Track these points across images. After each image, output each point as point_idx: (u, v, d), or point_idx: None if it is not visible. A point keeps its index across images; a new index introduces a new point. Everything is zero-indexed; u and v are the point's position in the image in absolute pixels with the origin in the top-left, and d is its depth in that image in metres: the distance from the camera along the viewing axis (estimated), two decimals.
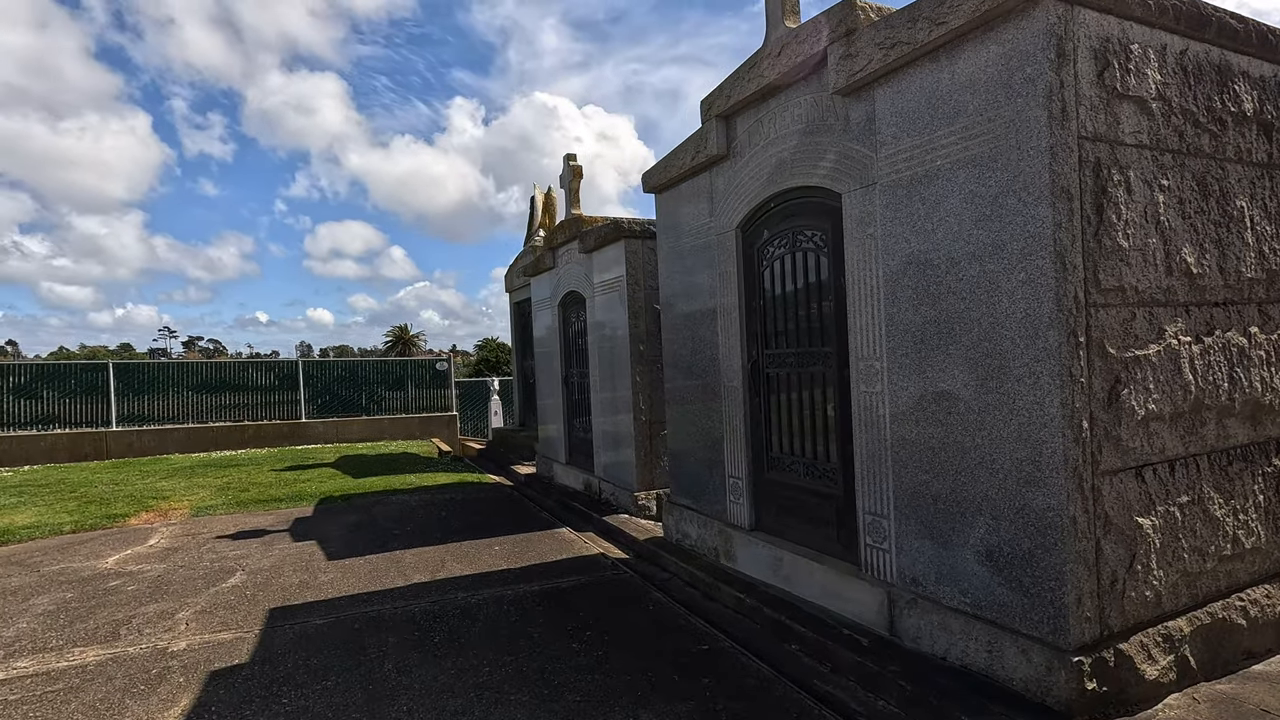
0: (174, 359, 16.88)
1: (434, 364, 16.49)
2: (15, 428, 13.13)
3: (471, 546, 5.88)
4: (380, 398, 15.96)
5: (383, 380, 16.08)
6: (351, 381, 15.77)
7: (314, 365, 15.58)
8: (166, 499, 8.61)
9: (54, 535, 7.23)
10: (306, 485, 9.29)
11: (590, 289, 7.55)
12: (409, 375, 16.27)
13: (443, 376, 16.44)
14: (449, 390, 16.44)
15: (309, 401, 15.20)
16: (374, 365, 16.30)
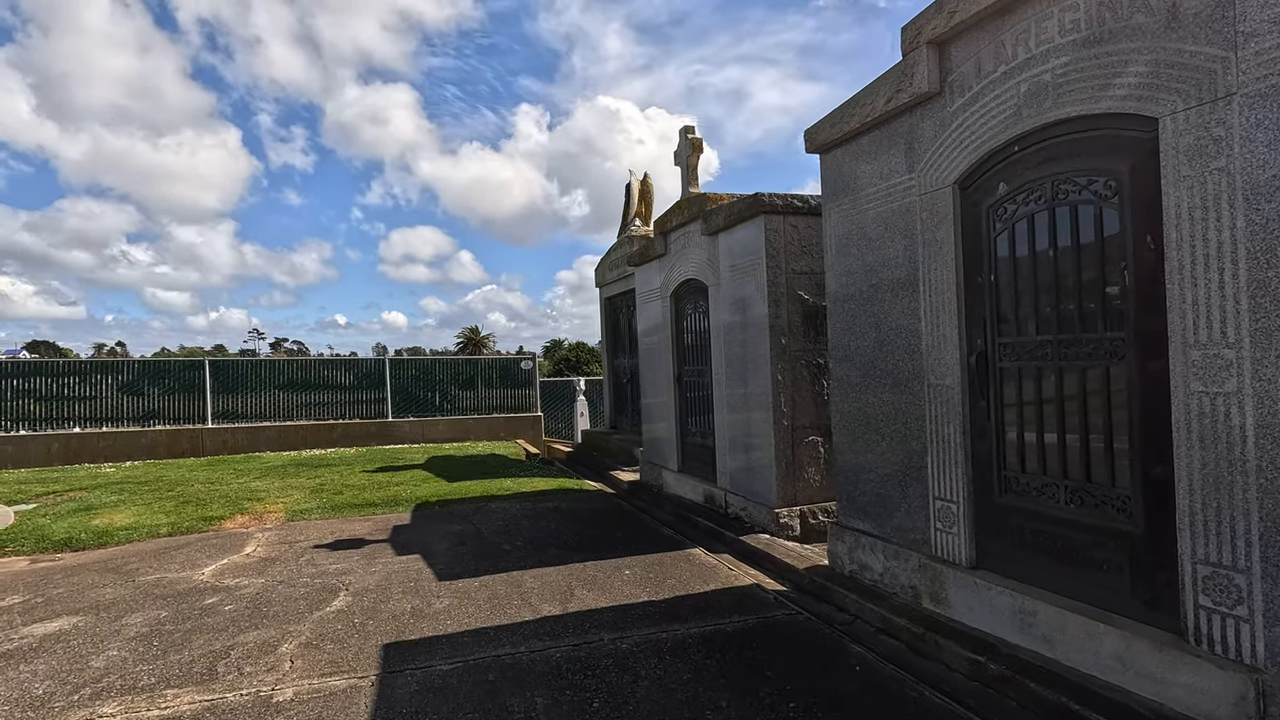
0: (264, 358, 17.08)
1: (518, 363, 16.00)
2: (121, 424, 13.33)
3: (596, 569, 5.08)
4: (464, 397, 15.58)
5: (466, 380, 15.70)
6: (435, 381, 15.44)
7: (399, 364, 15.33)
8: (261, 501, 8.24)
9: (151, 538, 6.88)
10: (400, 489, 8.77)
11: (715, 275, 6.68)
12: (493, 375, 15.84)
13: (527, 376, 15.93)
14: (533, 390, 15.91)
15: (394, 400, 14.93)
16: (458, 364, 15.94)
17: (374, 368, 15.04)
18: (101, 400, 13.48)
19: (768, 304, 5.80)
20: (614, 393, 12.60)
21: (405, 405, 15.02)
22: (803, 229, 5.92)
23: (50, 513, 7.92)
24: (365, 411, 14.76)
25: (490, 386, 15.73)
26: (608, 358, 12.73)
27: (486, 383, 15.74)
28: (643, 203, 11.57)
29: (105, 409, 13.41)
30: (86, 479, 10.37)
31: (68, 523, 7.34)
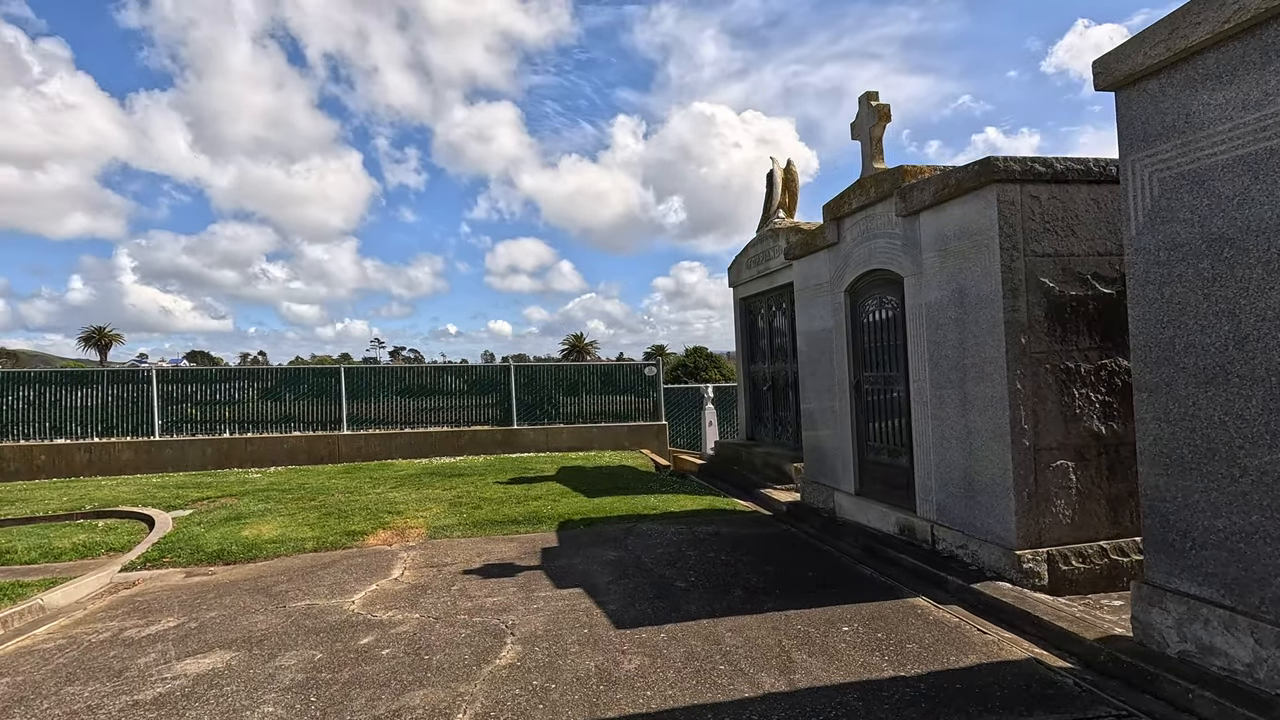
0: (394, 364, 17.38)
1: (642, 369, 15.33)
2: (262, 429, 13.78)
3: (804, 622, 4.14)
4: (587, 404, 15.08)
5: (589, 386, 15.21)
6: (558, 387, 15.04)
7: (523, 371, 15.04)
8: (401, 514, 7.89)
9: (297, 553, 6.60)
10: (539, 504, 8.20)
11: (914, 263, 5.58)
12: (616, 381, 15.25)
13: (651, 382, 15.22)
14: (657, 397, 15.18)
15: (519, 407, 14.64)
16: (581, 371, 15.48)
17: (498, 374, 14.83)
18: (247, 406, 14.01)
19: (1001, 295, 4.66)
20: (751, 401, 11.61)
21: (529, 412, 14.71)
22: (1046, 200, 4.74)
23: (204, 520, 7.92)
24: (490, 418, 14.55)
25: (613, 393, 15.15)
26: (743, 363, 11.76)
27: (609, 389, 15.18)
28: (786, 192, 10.54)
29: (250, 414, 13.91)
30: (236, 485, 10.57)
31: (219, 533, 7.24)
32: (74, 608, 5.33)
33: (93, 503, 9.24)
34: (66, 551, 6.87)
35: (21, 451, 12.67)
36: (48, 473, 12.58)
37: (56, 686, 3.67)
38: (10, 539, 7.33)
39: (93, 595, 5.74)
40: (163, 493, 9.94)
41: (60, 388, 13.28)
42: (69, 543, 7.12)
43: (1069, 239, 4.74)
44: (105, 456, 12.90)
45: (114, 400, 13.34)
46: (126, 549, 6.99)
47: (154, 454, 13.06)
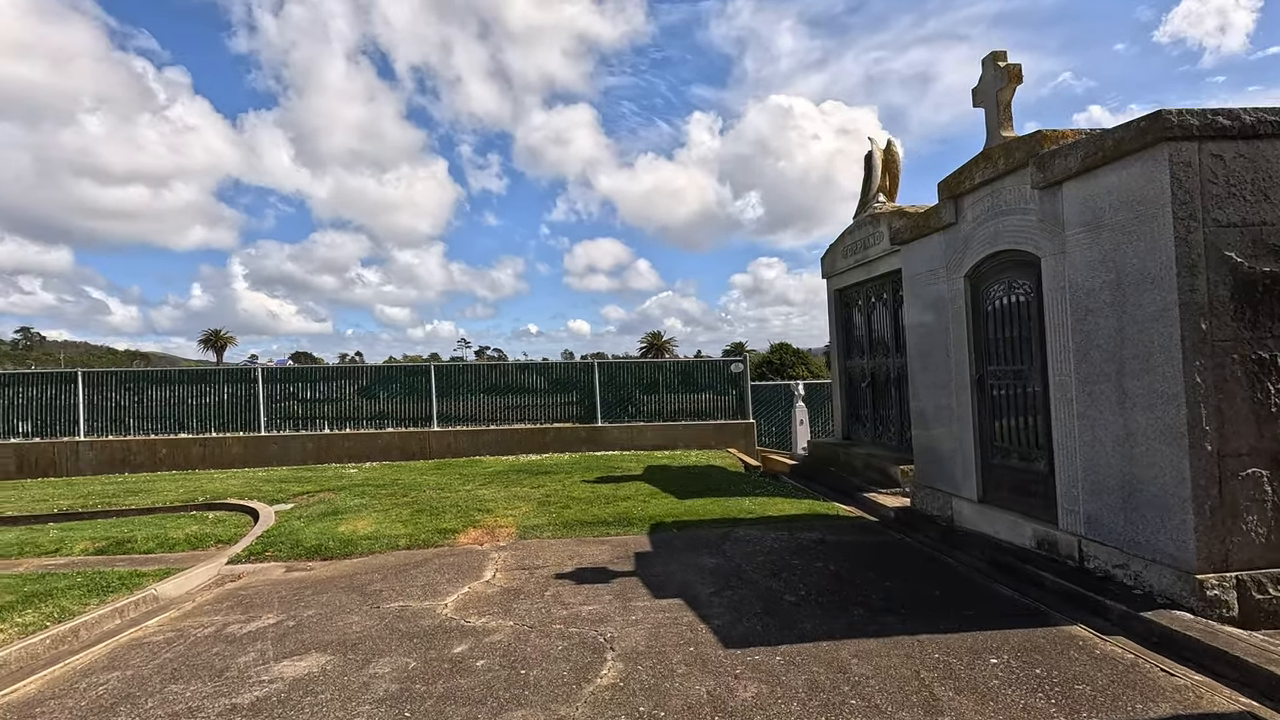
0: (481, 362, 17.65)
1: (729, 366, 14.84)
2: (358, 425, 14.22)
3: (940, 649, 3.62)
4: (672, 402, 14.75)
5: (673, 383, 14.87)
6: (643, 385, 14.78)
7: (608, 368, 14.87)
8: (490, 513, 7.79)
9: (390, 550, 6.58)
10: (628, 505, 7.92)
11: (1054, 240, 4.90)
12: (702, 379, 14.84)
13: (737, 380, 14.71)
14: (744, 395, 14.66)
15: (603, 405, 14.48)
16: (665, 368, 15.17)
17: (582, 372, 14.73)
18: (344, 403, 14.50)
19: (1175, 273, 3.96)
20: (848, 398, 10.94)
21: (613, 410, 14.52)
22: (1232, 160, 4.00)
23: (303, 515, 8.10)
24: (575, 416, 14.46)
25: (698, 390, 14.75)
26: (838, 358, 11.09)
27: (694, 387, 14.78)
28: (887, 175, 9.82)
29: (346, 411, 14.39)
30: (333, 480, 10.87)
31: (317, 528, 7.35)
32: (183, 599, 5.45)
33: (204, 495, 9.69)
34: (180, 542, 7.14)
35: (147, 445, 13.58)
36: (168, 465, 13.42)
37: (161, 684, 3.65)
38: (133, 528, 7.71)
39: (201, 587, 5.88)
40: (267, 486, 10.32)
41: (181, 386, 14.15)
42: (182, 534, 7.41)
43: (1261, 205, 3.99)
44: (218, 450, 13.64)
45: (226, 398, 14.10)
46: (233, 541, 7.19)
47: (260, 448, 13.71)
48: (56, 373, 14.01)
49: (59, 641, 4.48)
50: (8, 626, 4.54)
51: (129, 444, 13.54)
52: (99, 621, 4.82)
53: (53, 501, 9.60)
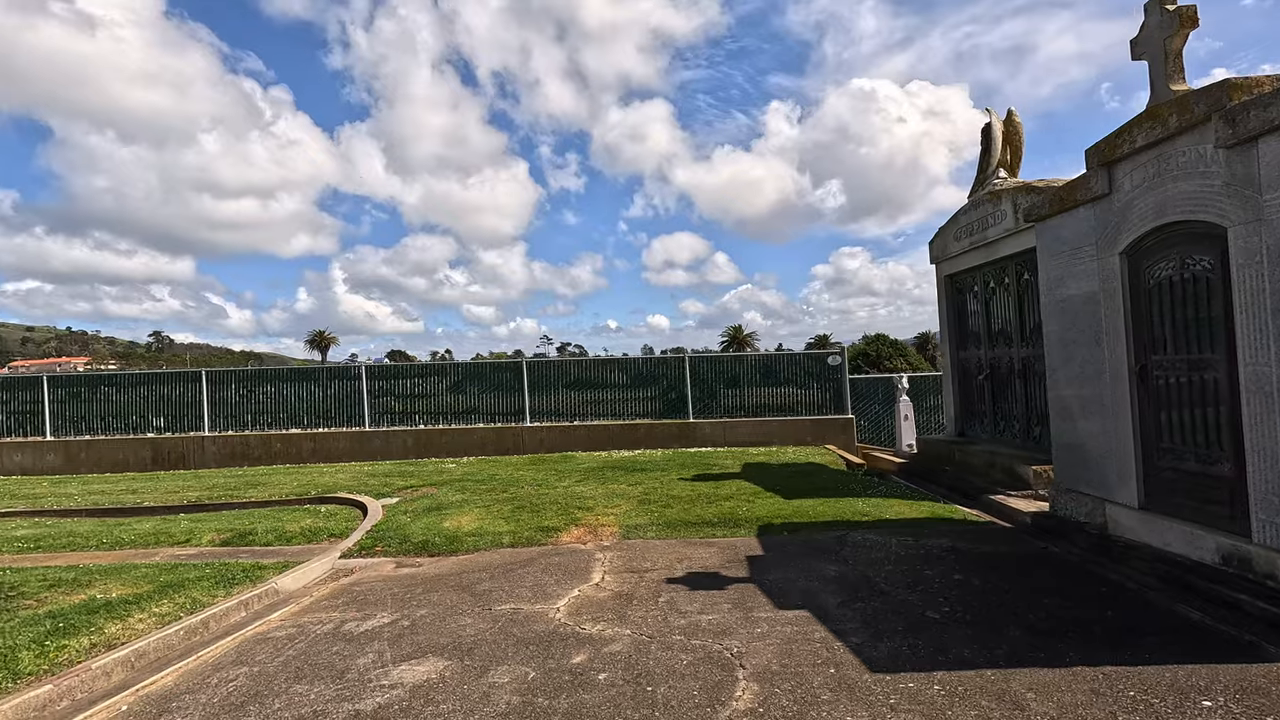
0: (567, 358, 17.67)
1: (825, 358, 14.19)
2: (454, 420, 14.53)
3: (1134, 685, 3.10)
4: (765, 397, 14.26)
5: (766, 377, 14.37)
6: (735, 380, 14.36)
7: (700, 362, 14.54)
8: (590, 510, 7.64)
9: (495, 547, 6.53)
10: (732, 505, 7.58)
11: (1248, 206, 4.19)
12: (795, 372, 14.27)
13: (835, 373, 14.04)
14: (843, 389, 13.97)
15: (695, 401, 14.17)
16: (758, 361, 14.68)
17: (673, 367, 14.46)
18: (440, 399, 14.85)
19: None
20: (961, 392, 10.15)
21: (705, 405, 14.19)
22: None
23: (408, 510, 8.22)
24: (665, 411, 14.22)
25: (793, 385, 14.19)
26: (950, 349, 10.32)
27: (789, 381, 14.23)
28: (1008, 147, 8.99)
29: (443, 406, 14.73)
30: (434, 474, 11.08)
31: (423, 523, 7.41)
32: (301, 593, 5.55)
33: (316, 488, 10.06)
34: (296, 535, 7.37)
35: (262, 440, 14.37)
36: (282, 458, 14.14)
37: (286, 683, 3.63)
38: (253, 521, 8.05)
39: (317, 580, 5.99)
40: (373, 480, 10.63)
41: (291, 384, 14.90)
42: (297, 527, 7.65)
43: None
44: (326, 445, 14.27)
45: (332, 395, 14.73)
46: (344, 535, 7.36)
47: (364, 443, 14.23)
48: (183, 372, 15.06)
49: (191, 633, 4.61)
50: (146, 616, 4.71)
51: (247, 439, 14.37)
52: (226, 614, 4.95)
53: (183, 493, 10.23)
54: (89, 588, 5.33)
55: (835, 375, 14.10)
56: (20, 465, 14.21)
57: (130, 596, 5.07)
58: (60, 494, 10.77)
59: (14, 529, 8.17)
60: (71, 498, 10.33)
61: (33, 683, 3.73)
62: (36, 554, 7.13)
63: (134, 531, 7.72)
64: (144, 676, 3.94)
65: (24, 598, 5.08)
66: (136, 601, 4.94)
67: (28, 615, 4.68)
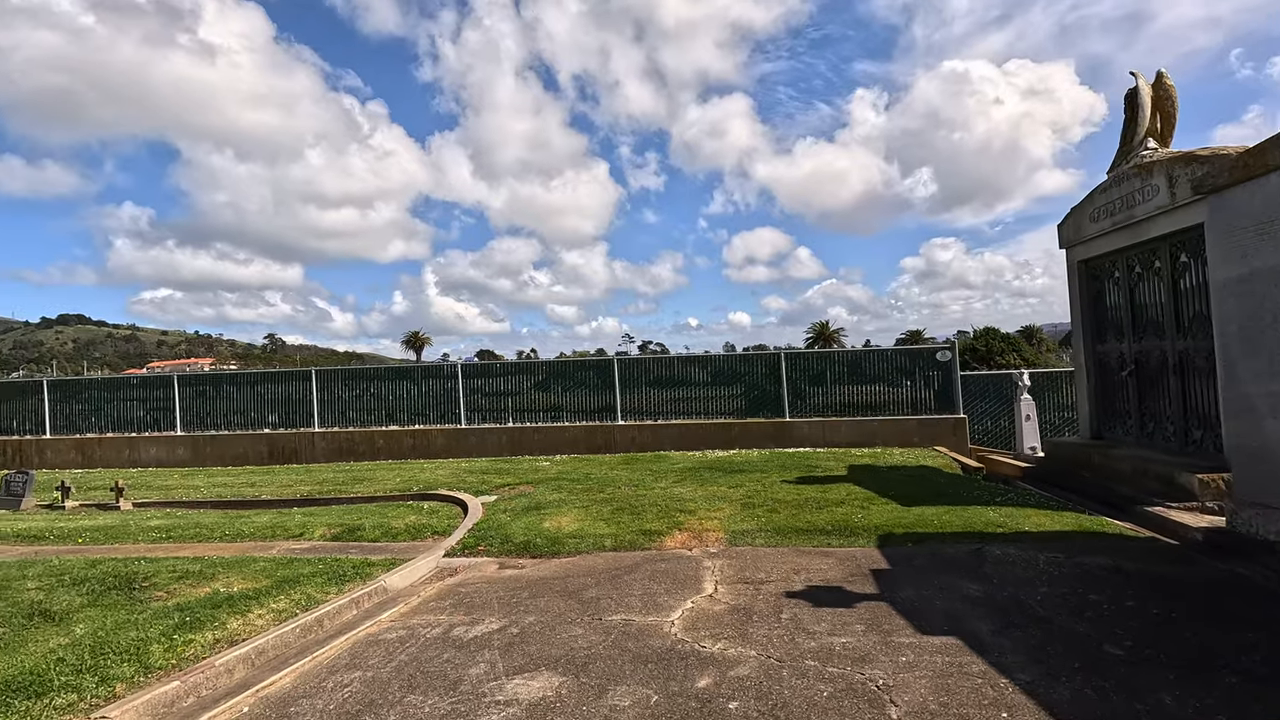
0: (658, 356, 17.41)
1: (933, 354, 13.28)
2: (546, 418, 14.58)
3: None
4: (865, 395, 13.49)
5: (866, 375, 13.60)
6: (831, 376, 13.67)
7: (795, 358, 13.94)
8: (692, 513, 7.32)
9: (597, 550, 6.32)
10: (844, 511, 7.06)
11: None
12: (899, 368, 13.43)
13: (945, 370, 13.11)
14: (952, 387, 13.02)
15: (791, 399, 13.59)
16: (858, 358, 13.93)
17: (768, 363, 13.93)
18: (532, 397, 14.95)
19: None
20: (1099, 389, 9.15)
21: (802, 403, 13.58)
22: None
23: (507, 509, 8.17)
24: (761, 409, 13.72)
25: (897, 383, 13.35)
26: (1085, 342, 9.32)
27: (891, 378, 13.41)
28: (1158, 114, 7.97)
29: (534, 404, 14.82)
30: (530, 472, 11.08)
31: (523, 523, 7.32)
32: (409, 592, 5.52)
33: (418, 485, 10.24)
34: (401, 532, 7.44)
35: (367, 436, 14.92)
36: (384, 454, 14.63)
37: (400, 692, 3.51)
38: (361, 516, 8.22)
39: (423, 579, 5.96)
40: (471, 477, 10.73)
41: (392, 382, 15.40)
42: (402, 524, 7.74)
43: None
44: (425, 441, 14.64)
45: (429, 393, 15.11)
46: (446, 533, 7.37)
47: (460, 440, 14.51)
48: (295, 371, 15.85)
49: (306, 631, 4.61)
50: (265, 612, 4.77)
51: (352, 435, 14.95)
52: (338, 612, 4.95)
53: (295, 487, 10.67)
54: (213, 580, 5.49)
55: (945, 372, 13.16)
56: (155, 458, 15.37)
57: (250, 591, 5.17)
58: (188, 485, 11.50)
59: (149, 519, 8.71)
60: (198, 489, 10.99)
61: (162, 677, 3.78)
62: (167, 544, 7.53)
63: (253, 524, 8.04)
64: (263, 675, 3.93)
65: (155, 589, 5.28)
66: (256, 596, 5.02)
67: (158, 607, 4.83)
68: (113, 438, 15.66)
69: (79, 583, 5.51)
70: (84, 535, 7.98)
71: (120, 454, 15.48)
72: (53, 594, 5.24)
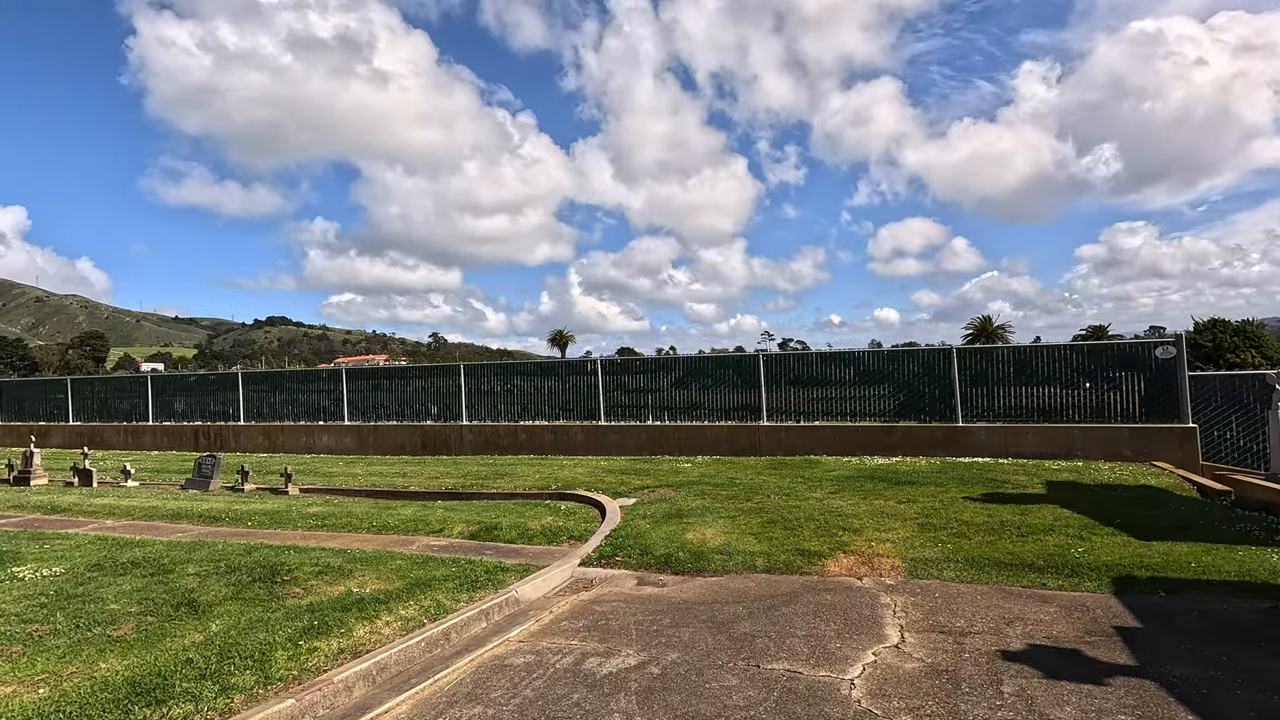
0: (808, 351, 16.07)
1: (1150, 349, 11.02)
2: (686, 417, 13.93)
3: None
4: (1054, 398, 11.49)
5: (1057, 374, 11.57)
6: (1010, 376, 11.79)
7: (969, 354, 12.21)
8: (857, 532, 6.30)
9: (747, 570, 5.51)
10: (1056, 541, 5.72)
11: None
12: (1104, 368, 11.29)
13: (1166, 369, 10.83)
14: (1178, 390, 10.72)
15: (965, 400, 11.89)
16: (1046, 354, 11.91)
17: (935, 360, 12.31)
18: (671, 394, 14.35)
19: None
20: None
21: (974, 406, 11.84)
22: None
23: (647, 514, 7.57)
24: (927, 412, 12.15)
25: (1099, 382, 11.22)
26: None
27: (1093, 377, 11.29)
28: None
29: (673, 401, 14.21)
30: (670, 474, 10.47)
31: (664, 532, 6.67)
32: (541, 605, 5.04)
33: (556, 483, 9.97)
34: (537, 534, 7.07)
35: (510, 430, 15.10)
36: (526, 448, 14.70)
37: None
38: (499, 514, 8.00)
39: (556, 590, 5.48)
40: (609, 477, 10.30)
41: (533, 378, 15.48)
42: (539, 525, 7.38)
43: None
44: (564, 437, 14.54)
45: (570, 389, 15.00)
46: (583, 538, 6.89)
47: (599, 437, 14.23)
48: (445, 366, 16.43)
49: (432, 645, 4.23)
50: (393, 620, 4.46)
51: (497, 429, 15.19)
52: (466, 624, 4.55)
53: (442, 480, 10.82)
54: (349, 578, 5.33)
55: (1166, 372, 10.88)
56: (326, 445, 16.58)
57: (382, 593, 4.92)
58: (349, 473, 12.09)
59: (309, 505, 9.08)
60: (356, 477, 11.49)
61: (281, 691, 3.49)
62: (321, 531, 7.70)
63: (398, 517, 8.06)
64: (382, 698, 3.54)
65: (294, 584, 5.19)
66: (387, 601, 4.75)
67: (293, 605, 4.68)
68: (292, 425, 17.11)
69: (231, 570, 5.58)
70: (253, 519, 8.40)
71: (298, 440, 16.85)
72: (205, 581, 5.31)
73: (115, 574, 5.67)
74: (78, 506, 9.75)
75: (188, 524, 8.50)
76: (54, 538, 7.51)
